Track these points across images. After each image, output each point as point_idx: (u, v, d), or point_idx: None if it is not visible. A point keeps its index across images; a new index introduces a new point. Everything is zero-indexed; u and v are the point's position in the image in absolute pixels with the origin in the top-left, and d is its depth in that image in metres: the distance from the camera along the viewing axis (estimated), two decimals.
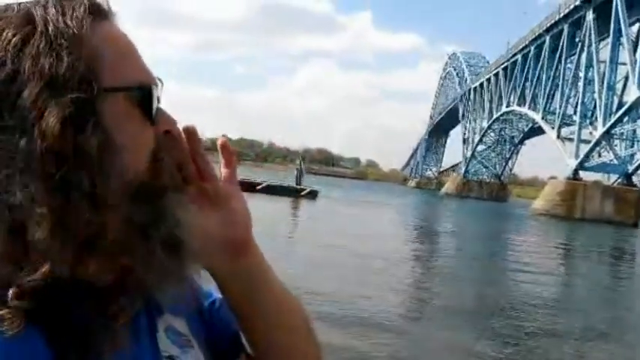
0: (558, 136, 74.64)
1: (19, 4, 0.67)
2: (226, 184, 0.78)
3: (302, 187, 47.01)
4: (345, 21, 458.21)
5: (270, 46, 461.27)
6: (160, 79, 0.71)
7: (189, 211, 0.71)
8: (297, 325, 0.86)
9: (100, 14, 0.68)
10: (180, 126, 0.75)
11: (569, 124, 75.36)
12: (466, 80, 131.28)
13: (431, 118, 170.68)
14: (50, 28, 0.64)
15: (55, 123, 0.61)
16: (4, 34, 0.64)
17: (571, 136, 73.10)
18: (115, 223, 0.63)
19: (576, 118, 72.30)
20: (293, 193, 43.84)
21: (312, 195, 45.05)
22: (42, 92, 0.62)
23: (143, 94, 0.68)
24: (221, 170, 0.79)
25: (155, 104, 0.69)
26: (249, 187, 43.78)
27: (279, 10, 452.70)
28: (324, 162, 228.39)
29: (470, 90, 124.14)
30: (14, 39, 0.63)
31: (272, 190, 43.23)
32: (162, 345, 0.73)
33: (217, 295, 0.85)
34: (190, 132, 0.75)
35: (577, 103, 73.42)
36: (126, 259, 0.64)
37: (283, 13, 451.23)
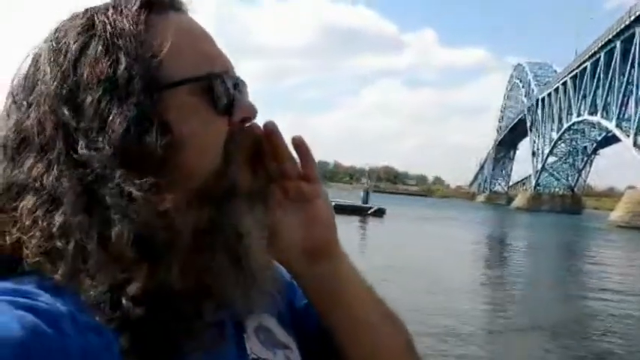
0: (635, 144, 71.60)
1: (87, 10, 0.67)
2: (308, 183, 0.74)
3: (369, 205, 46.86)
4: (409, 39, 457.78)
5: (336, 68, 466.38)
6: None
7: (267, 215, 0.68)
8: (391, 335, 0.81)
9: (159, 6, 0.67)
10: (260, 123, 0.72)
11: None
12: (533, 91, 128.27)
13: (498, 131, 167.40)
14: (108, 31, 0.64)
15: (119, 128, 0.60)
16: (66, 43, 0.64)
17: None
18: (182, 226, 0.62)
19: None
20: (360, 211, 43.69)
21: (380, 213, 44.79)
22: (103, 97, 0.61)
23: (206, 84, 0.66)
24: (301, 169, 0.74)
25: (223, 92, 0.67)
26: None
27: (343, 33, 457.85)
28: (390, 180, 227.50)
29: (537, 101, 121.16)
30: (74, 46, 0.64)
31: (339, 209, 43.22)
32: (251, 346, 0.71)
33: None
34: (269, 128, 0.72)
35: None
36: (193, 266, 0.63)
37: (347, 35, 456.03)
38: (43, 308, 0.54)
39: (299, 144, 0.74)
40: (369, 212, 44.22)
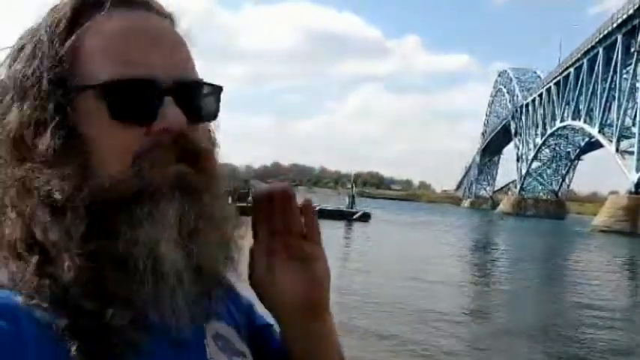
0: (617, 150, 72.30)
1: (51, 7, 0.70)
2: (311, 243, 0.76)
3: (354, 210, 46.86)
4: (394, 45, 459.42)
5: (322, 73, 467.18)
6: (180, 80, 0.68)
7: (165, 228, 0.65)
8: None
9: (93, 7, 0.68)
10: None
11: (627, 137, 72.90)
12: (517, 97, 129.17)
13: (482, 136, 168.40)
14: (37, 37, 0.67)
15: (12, 126, 0.63)
16: (21, 39, 0.69)
17: (631, 149, 70.66)
18: (73, 228, 0.62)
19: (635, 129, 69.94)
20: (346, 216, 43.68)
21: (365, 218, 44.80)
22: (12, 98, 0.64)
23: (110, 90, 0.64)
24: (304, 229, 0.76)
25: (131, 99, 0.65)
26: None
27: (329, 39, 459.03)
28: (375, 185, 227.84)
29: (521, 107, 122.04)
30: (12, 55, 0.68)
31: (325, 214, 43.25)
32: (210, 352, 0.72)
33: (272, 321, 0.84)
34: (284, 194, 0.74)
35: (635, 114, 71.11)
36: (88, 269, 0.62)
37: (332, 41, 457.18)
38: None
39: (307, 206, 0.76)
40: (355, 217, 44.22)
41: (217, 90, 0.74)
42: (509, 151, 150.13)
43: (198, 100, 0.70)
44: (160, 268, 0.64)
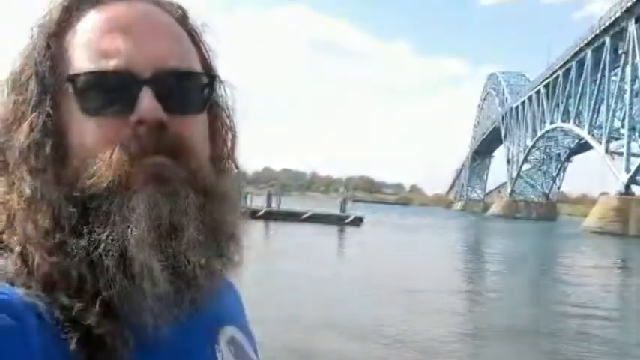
0: (607, 151, 72.76)
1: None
2: None
3: (347, 214, 46.88)
4: (385, 50, 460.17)
5: (318, 76, 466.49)
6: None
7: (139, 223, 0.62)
8: None
9: (84, 4, 0.68)
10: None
11: (617, 138, 73.40)
12: (507, 100, 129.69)
13: (473, 139, 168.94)
14: (32, 34, 0.68)
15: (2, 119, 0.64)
16: None
17: (620, 150, 71.17)
18: (41, 223, 0.61)
19: (624, 131, 70.45)
20: (338, 220, 43.71)
21: (357, 222, 44.81)
22: (9, 92, 0.66)
23: (82, 83, 0.64)
24: None
25: (101, 91, 0.64)
26: (295, 217, 43.97)
27: (323, 44, 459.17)
28: (367, 189, 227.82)
29: (511, 109, 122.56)
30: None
31: (317, 219, 43.24)
32: (223, 355, 0.71)
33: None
34: None
35: (624, 116, 71.65)
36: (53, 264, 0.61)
37: (326, 46, 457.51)
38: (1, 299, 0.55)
39: None
40: (347, 221, 44.24)
41: (210, 80, 0.71)
42: (500, 154, 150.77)
43: (182, 90, 0.67)
44: (128, 265, 0.61)
